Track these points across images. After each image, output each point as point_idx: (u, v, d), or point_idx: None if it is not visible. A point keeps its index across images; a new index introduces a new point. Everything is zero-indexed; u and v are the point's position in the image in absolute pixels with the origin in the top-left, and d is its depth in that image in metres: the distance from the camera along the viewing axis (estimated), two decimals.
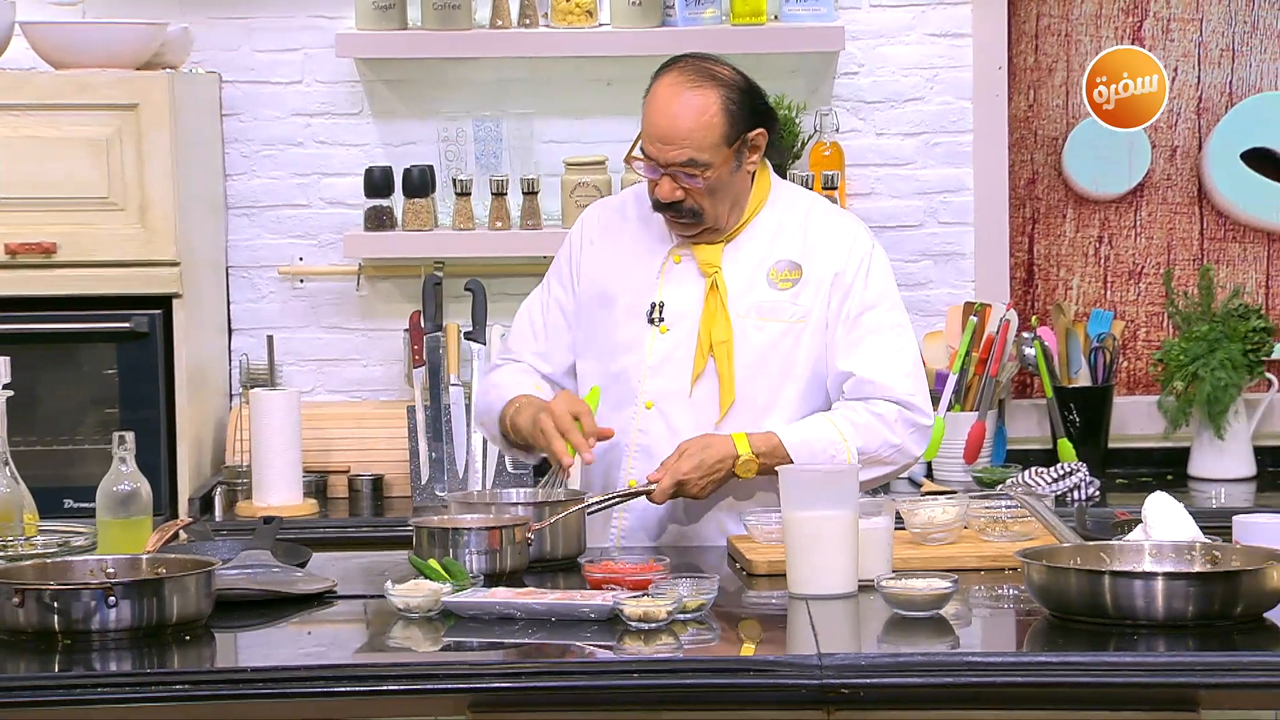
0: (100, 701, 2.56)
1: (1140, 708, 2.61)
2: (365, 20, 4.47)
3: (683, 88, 3.26)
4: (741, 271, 3.36)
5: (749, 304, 3.35)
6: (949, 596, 2.80)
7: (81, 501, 4.01)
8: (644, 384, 3.36)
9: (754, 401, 3.33)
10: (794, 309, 3.34)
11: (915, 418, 3.33)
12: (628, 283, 3.40)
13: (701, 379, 3.34)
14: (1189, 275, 4.69)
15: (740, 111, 3.29)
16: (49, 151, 4.14)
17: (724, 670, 2.60)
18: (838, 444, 3.28)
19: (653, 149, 3.27)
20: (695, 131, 3.25)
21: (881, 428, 3.31)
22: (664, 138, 3.25)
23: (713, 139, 3.26)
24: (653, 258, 3.40)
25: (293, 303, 4.64)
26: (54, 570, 2.84)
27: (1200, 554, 2.84)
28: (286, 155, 4.63)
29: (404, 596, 2.83)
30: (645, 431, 3.36)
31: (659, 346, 3.37)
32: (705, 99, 3.26)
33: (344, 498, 4.45)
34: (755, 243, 3.38)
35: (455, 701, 2.62)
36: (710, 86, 3.27)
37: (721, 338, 3.33)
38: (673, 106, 3.25)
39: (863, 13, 4.60)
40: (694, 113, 3.25)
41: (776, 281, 3.35)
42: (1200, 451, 4.54)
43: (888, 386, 3.32)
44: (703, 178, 3.26)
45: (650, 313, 3.37)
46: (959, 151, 4.63)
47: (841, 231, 3.39)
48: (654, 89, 3.30)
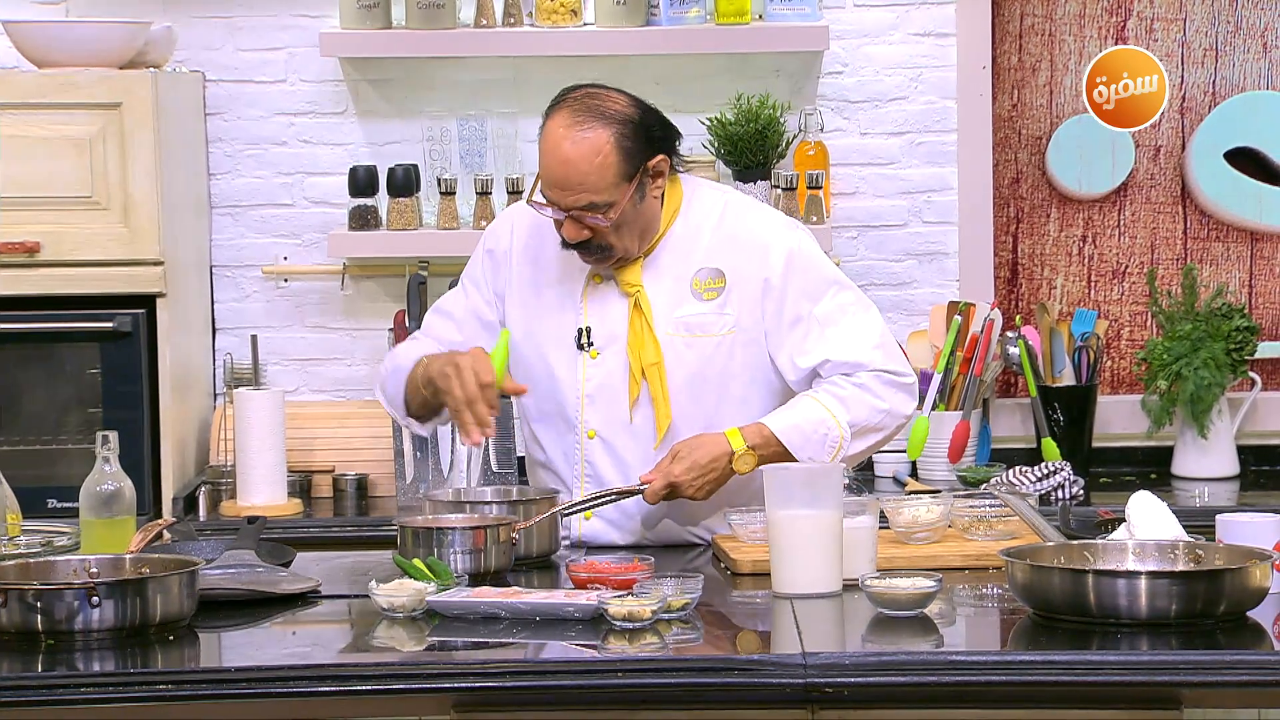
0: (83, 701, 2.56)
1: (1123, 706, 2.62)
2: (349, 19, 4.47)
3: (573, 130, 3.16)
4: (663, 287, 3.29)
5: (675, 320, 3.28)
6: (933, 595, 2.80)
7: (65, 501, 4.00)
8: (583, 413, 3.31)
9: (693, 420, 3.29)
10: (721, 320, 3.29)
11: (897, 379, 3.29)
12: (552, 307, 3.32)
13: (639, 404, 3.29)
14: (1172, 274, 4.70)
15: (635, 145, 3.18)
16: (32, 150, 4.13)
17: (708, 670, 2.60)
18: (827, 421, 3.24)
19: (551, 194, 3.19)
20: (590, 175, 3.16)
21: (866, 395, 3.26)
22: (560, 184, 3.17)
23: (609, 179, 3.17)
24: (574, 280, 3.31)
25: (277, 302, 4.64)
26: (37, 570, 2.83)
27: (1183, 553, 2.84)
28: (270, 154, 4.62)
29: (388, 596, 2.83)
30: (591, 461, 3.33)
31: (593, 374, 3.31)
32: (597, 140, 3.15)
33: (328, 497, 4.44)
34: (672, 255, 3.30)
35: (439, 701, 2.62)
36: (600, 126, 3.16)
37: (651, 359, 3.27)
38: (564, 151, 3.15)
39: (847, 12, 4.61)
40: (587, 156, 3.15)
41: (701, 292, 3.29)
42: (1183, 450, 4.55)
43: (862, 363, 3.27)
44: (606, 217, 3.18)
45: (578, 338, 3.30)
46: (943, 151, 4.64)
47: (759, 233, 3.30)
48: (545, 131, 3.19)
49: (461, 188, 4.52)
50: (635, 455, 3.30)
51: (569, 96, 3.23)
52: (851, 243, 4.65)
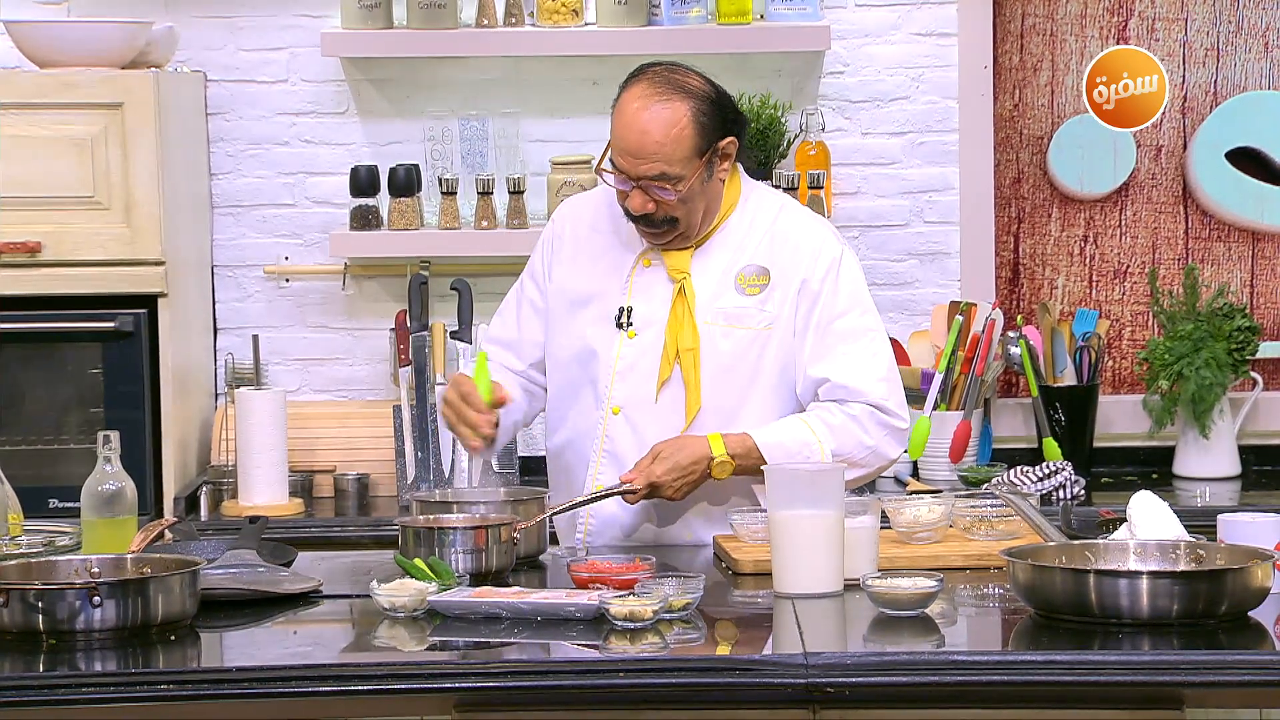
0: (85, 701, 2.56)
1: (1125, 706, 2.62)
2: (351, 19, 4.47)
3: (652, 100, 3.22)
4: (709, 277, 3.34)
5: (716, 310, 3.33)
6: (934, 595, 2.80)
7: (66, 501, 4.00)
8: (611, 389, 3.35)
9: (720, 408, 3.32)
10: (761, 315, 3.33)
11: (890, 420, 3.32)
12: (597, 285, 3.38)
13: (667, 386, 3.33)
14: (1174, 274, 4.70)
15: (711, 122, 3.25)
16: (33, 150, 4.13)
17: (710, 669, 2.60)
18: (812, 445, 3.28)
19: (623, 162, 3.24)
20: (666, 145, 3.21)
21: (855, 429, 3.30)
22: (634, 152, 3.22)
23: (684, 152, 3.22)
24: (623, 261, 3.38)
25: (278, 302, 4.64)
26: (38, 570, 2.83)
27: (1185, 553, 2.84)
28: (272, 154, 4.62)
29: (390, 596, 2.83)
30: (612, 437, 3.35)
31: (627, 352, 3.35)
32: (675, 112, 3.22)
33: (329, 497, 4.44)
34: (724, 248, 3.35)
35: (441, 701, 2.62)
36: (680, 99, 3.23)
37: (688, 345, 3.31)
38: (642, 120, 3.21)
39: (848, 12, 4.61)
40: (664, 126, 3.21)
41: (744, 286, 3.33)
42: (1185, 450, 4.55)
43: (861, 391, 3.30)
44: (675, 190, 3.24)
45: (618, 317, 3.35)
46: (944, 151, 4.64)
47: (809, 237, 3.36)
48: (623, 101, 3.26)
49: (463, 187, 4.52)
50: (656, 435, 3.32)
51: (649, 69, 3.29)
52: (853, 243, 4.64)
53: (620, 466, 3.32)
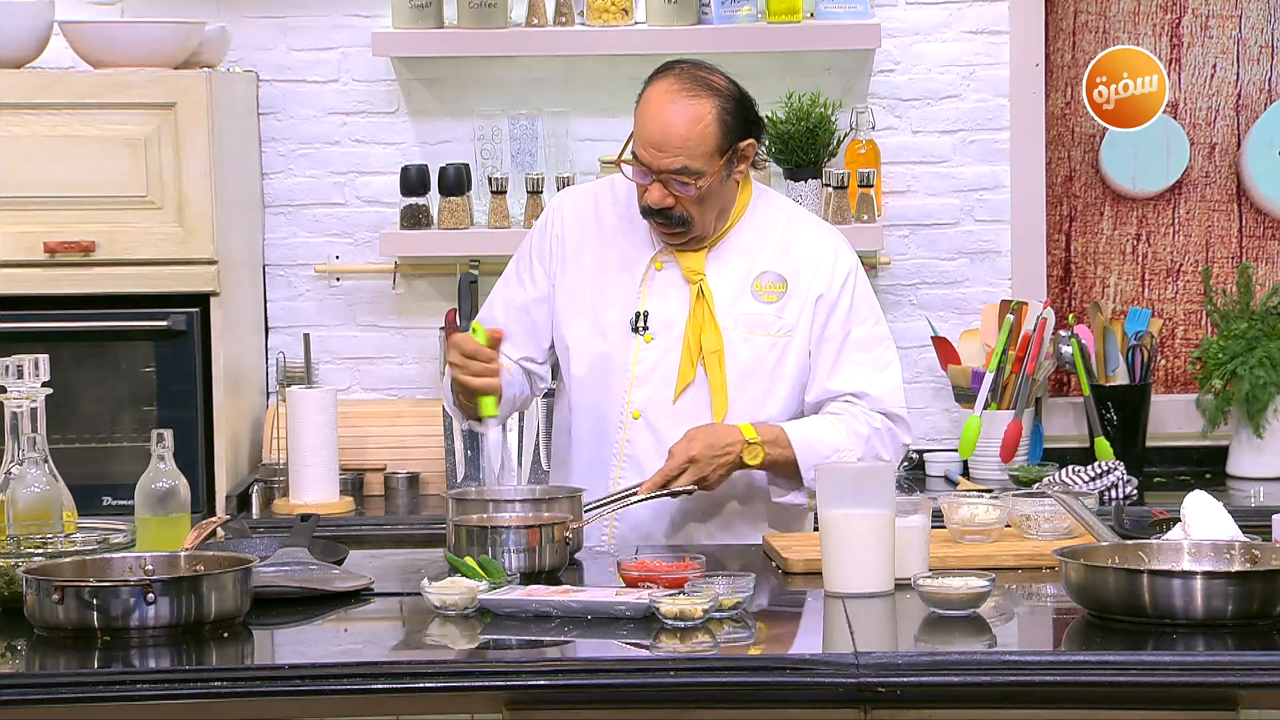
0: (139, 698, 2.57)
1: (1179, 707, 2.60)
2: (401, 19, 4.48)
3: (679, 95, 3.23)
4: (726, 281, 3.34)
5: (735, 316, 3.33)
6: (986, 595, 2.79)
7: (120, 499, 4.02)
8: (631, 394, 3.34)
9: (741, 414, 3.32)
10: (780, 322, 3.34)
11: (901, 436, 3.37)
12: (610, 290, 3.36)
13: (688, 389, 3.32)
14: (1227, 273, 4.67)
15: (734, 121, 3.26)
16: (87, 150, 4.16)
17: (760, 669, 2.60)
18: (840, 451, 3.30)
19: (646, 154, 3.24)
20: (690, 140, 3.22)
21: (877, 442, 3.33)
22: (658, 144, 3.22)
23: (706, 148, 3.23)
24: (635, 264, 3.36)
25: (329, 301, 4.66)
26: (93, 567, 2.85)
27: (1239, 553, 2.82)
28: (323, 154, 4.64)
29: (440, 594, 2.84)
30: (633, 442, 3.35)
31: (645, 356, 3.34)
32: (701, 108, 3.23)
33: (380, 495, 4.46)
34: (738, 252, 3.35)
35: (492, 699, 2.62)
36: (706, 96, 3.24)
37: (713, 347, 3.31)
38: (668, 113, 3.23)
39: (899, 10, 4.59)
40: (689, 121, 3.22)
41: (761, 294, 3.34)
42: (1239, 450, 4.52)
43: (880, 399, 3.34)
44: (695, 186, 3.24)
45: (635, 322, 3.34)
46: (995, 149, 4.62)
47: (825, 248, 3.38)
48: (649, 94, 3.26)
49: (512, 186, 4.53)
50: (676, 438, 3.31)
51: (676, 65, 3.31)
52: (903, 241, 4.64)
53: (641, 471, 3.32)
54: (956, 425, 4.57)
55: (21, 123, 4.15)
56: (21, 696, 2.56)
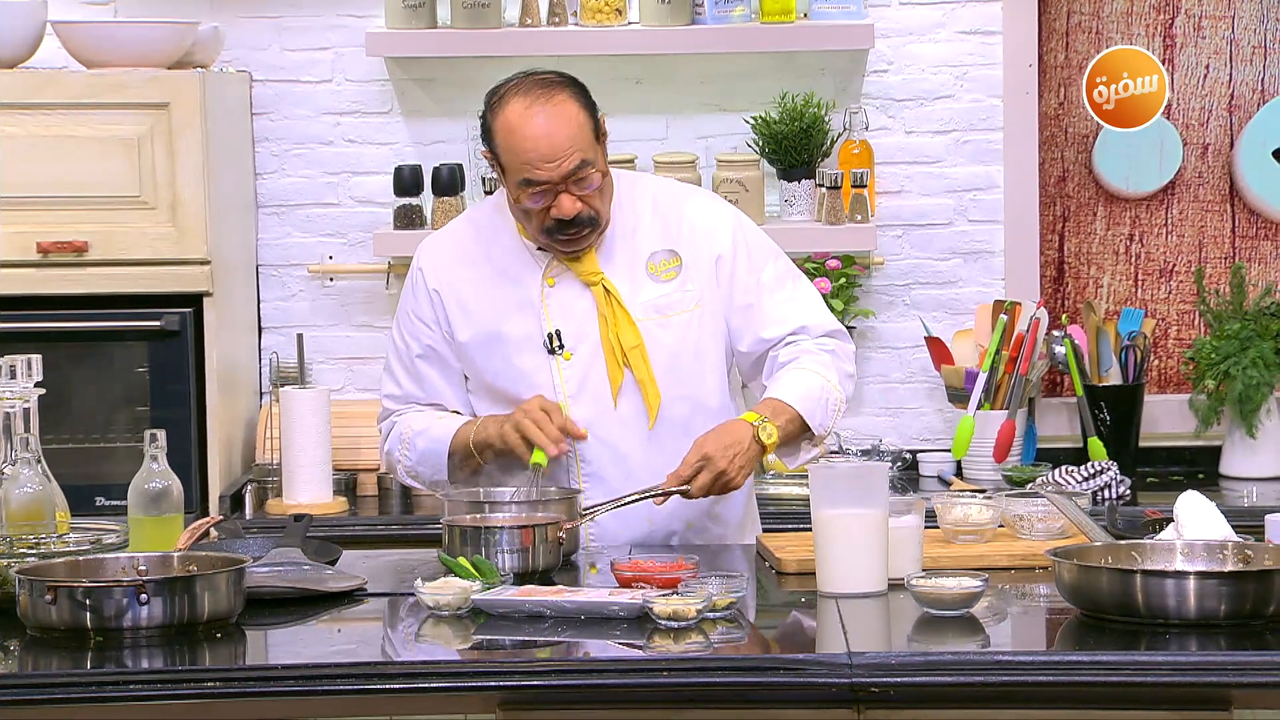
0: (131, 699, 2.57)
1: (1172, 707, 2.60)
2: (395, 19, 4.48)
3: (538, 104, 3.20)
4: (620, 274, 3.31)
5: (642, 305, 3.31)
6: (979, 595, 2.79)
7: (113, 499, 4.02)
8: (570, 416, 3.28)
9: (680, 398, 3.31)
10: (686, 296, 3.32)
11: (846, 345, 3.38)
12: (505, 320, 3.32)
13: (623, 391, 3.29)
14: (1220, 273, 4.67)
15: (589, 102, 3.26)
16: (80, 150, 4.15)
17: (754, 669, 2.60)
18: (826, 387, 3.29)
19: (543, 171, 3.19)
20: (575, 134, 3.20)
21: (839, 364, 3.34)
22: (549, 155, 3.18)
23: (587, 136, 3.23)
24: (526, 288, 3.32)
25: (322, 301, 4.65)
26: (86, 568, 2.85)
27: (1232, 553, 2.83)
28: (316, 154, 4.64)
29: (434, 594, 2.84)
30: (588, 461, 3.31)
31: (570, 374, 3.30)
32: (564, 102, 3.21)
33: (373, 495, 4.45)
34: (620, 241, 3.32)
35: (485, 700, 2.62)
36: (558, 89, 3.22)
37: (632, 342, 3.28)
38: (541, 123, 3.18)
39: (892, 10, 4.59)
40: (564, 118, 3.20)
41: (658, 274, 3.32)
42: (1232, 450, 4.52)
43: (815, 327, 3.35)
44: (597, 174, 3.22)
45: (549, 344, 3.30)
46: (989, 149, 4.62)
47: (703, 212, 3.35)
48: (508, 121, 3.19)
49: None
50: (630, 444, 3.30)
51: (511, 84, 3.25)
52: (896, 241, 4.64)
53: (606, 486, 3.29)
54: (950, 425, 4.57)
55: (15, 123, 4.15)
56: (14, 697, 2.56)
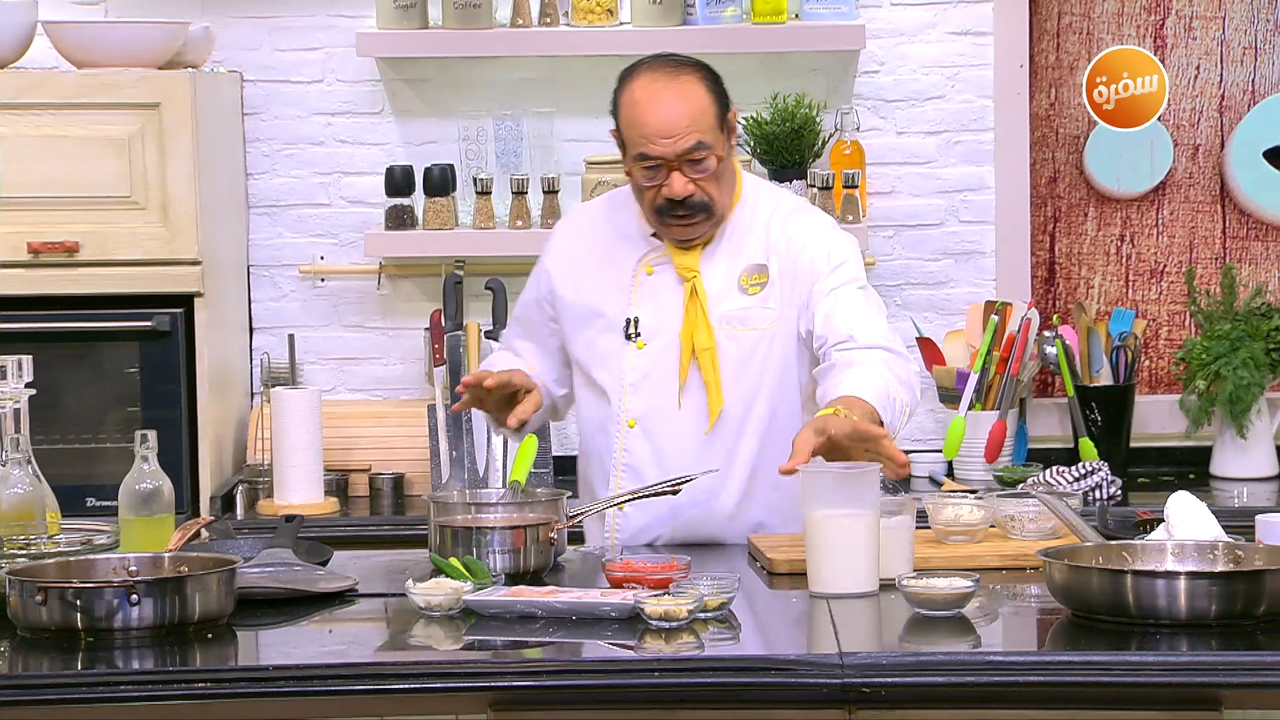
0: (122, 699, 2.57)
1: (1163, 707, 2.61)
2: (386, 20, 4.48)
3: (665, 80, 3.24)
4: (716, 276, 3.33)
5: (723, 314, 3.31)
6: (970, 595, 2.79)
7: (104, 500, 4.02)
8: (625, 402, 3.32)
9: (733, 410, 3.30)
10: (765, 314, 3.31)
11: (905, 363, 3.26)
12: (602, 298, 3.36)
13: (687, 390, 3.31)
14: (1211, 274, 4.68)
15: (718, 91, 3.28)
16: (71, 150, 4.15)
17: (745, 669, 2.60)
18: (890, 386, 3.17)
19: (657, 147, 3.23)
20: (696, 116, 3.23)
21: (894, 368, 3.21)
22: (666, 131, 3.22)
23: (710, 120, 3.25)
24: (623, 271, 3.35)
25: (314, 301, 4.65)
26: (76, 568, 2.84)
27: (1223, 553, 2.83)
28: (307, 154, 4.64)
29: (425, 595, 2.84)
30: (630, 450, 3.33)
31: (637, 363, 3.33)
32: (691, 84, 3.25)
33: (365, 496, 4.45)
34: (730, 243, 3.34)
35: (477, 700, 2.62)
36: (688, 71, 3.26)
37: (705, 344, 3.29)
38: (665, 99, 3.23)
39: (884, 11, 4.60)
40: (688, 98, 3.23)
41: (746, 287, 3.33)
42: (1222, 451, 4.53)
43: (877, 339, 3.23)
44: (712, 159, 3.24)
45: (626, 328, 3.33)
46: (980, 150, 4.62)
47: (806, 231, 3.32)
48: (633, 95, 3.24)
49: (497, 187, 4.53)
50: (677, 444, 3.31)
51: (643, 62, 3.30)
52: (888, 242, 4.64)
53: (639, 479, 3.30)
54: (941, 426, 4.57)
55: (5, 123, 4.15)
56: (5, 698, 2.56)
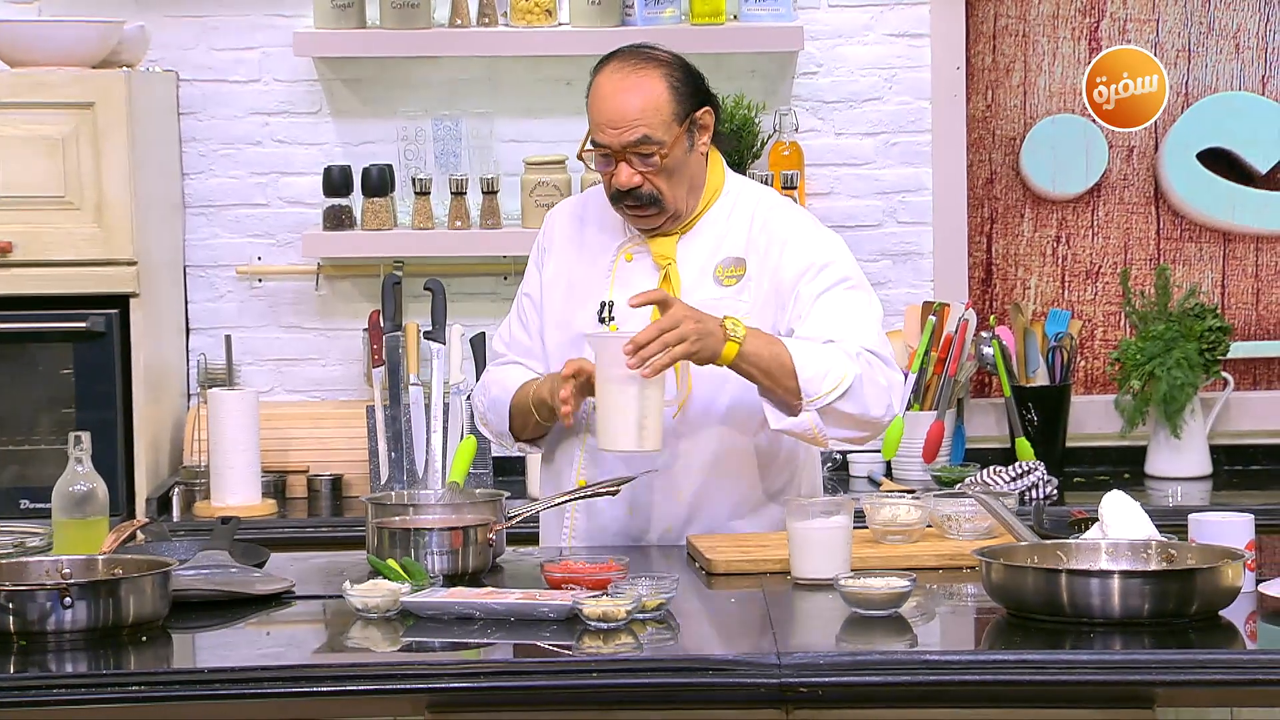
0: (56, 703, 2.55)
1: (1096, 705, 2.63)
2: (323, 19, 4.46)
3: (626, 73, 3.27)
4: (692, 267, 3.34)
5: (696, 302, 3.29)
6: (907, 595, 2.80)
7: (38, 502, 3.99)
8: None
9: (703, 400, 3.31)
10: (738, 306, 3.30)
11: (886, 369, 3.23)
12: (581, 283, 3.38)
13: None
14: (1146, 275, 4.71)
15: (685, 89, 3.29)
16: (4, 150, 4.12)
17: (683, 670, 2.60)
18: (836, 361, 3.16)
19: (605, 136, 3.26)
20: (646, 110, 3.25)
21: (869, 369, 3.19)
22: (614, 121, 3.25)
23: (663, 117, 3.26)
24: (604, 256, 3.38)
25: (251, 302, 4.63)
26: (9, 571, 2.82)
27: (1156, 552, 2.85)
28: (244, 154, 4.61)
29: (362, 597, 2.83)
30: (595, 434, 3.34)
31: None
32: (649, 79, 3.27)
33: (303, 498, 4.43)
34: (707, 236, 3.35)
35: (414, 702, 2.62)
36: (652, 67, 3.28)
37: None
38: (619, 91, 3.26)
39: (821, 13, 4.61)
40: (641, 93, 3.25)
41: (722, 278, 3.33)
42: (1157, 450, 4.56)
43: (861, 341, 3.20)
44: (659, 156, 3.25)
45: (600, 311, 3.35)
46: (917, 151, 4.65)
47: (788, 229, 3.31)
48: (597, 81, 3.30)
49: (436, 188, 4.52)
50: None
51: (618, 51, 3.33)
52: None
53: (603, 465, 3.31)
54: None
55: None
56: None
